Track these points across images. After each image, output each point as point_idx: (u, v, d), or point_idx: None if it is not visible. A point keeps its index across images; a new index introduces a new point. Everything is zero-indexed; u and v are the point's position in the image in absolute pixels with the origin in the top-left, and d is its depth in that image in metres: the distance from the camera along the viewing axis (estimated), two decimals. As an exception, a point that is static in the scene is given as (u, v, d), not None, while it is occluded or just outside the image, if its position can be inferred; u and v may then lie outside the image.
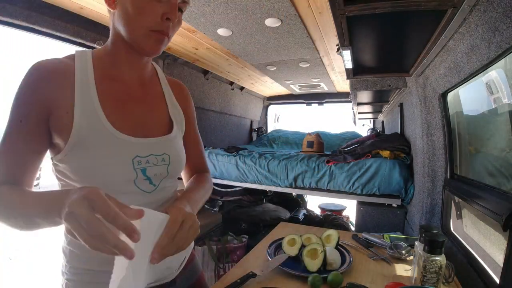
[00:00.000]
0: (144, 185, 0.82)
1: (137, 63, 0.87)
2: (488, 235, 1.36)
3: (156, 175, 0.84)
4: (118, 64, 0.84)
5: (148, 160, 0.82)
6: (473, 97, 1.57)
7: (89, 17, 1.83)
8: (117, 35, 0.81)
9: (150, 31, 0.76)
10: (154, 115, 0.90)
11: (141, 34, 0.76)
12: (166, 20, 0.75)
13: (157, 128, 0.89)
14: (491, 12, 0.94)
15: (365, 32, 1.41)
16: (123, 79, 0.86)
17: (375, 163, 2.65)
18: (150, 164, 0.82)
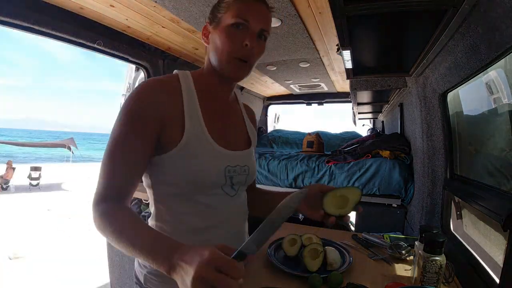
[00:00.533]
0: (228, 189, 0.96)
1: (226, 87, 1.03)
2: (488, 235, 1.36)
3: (238, 182, 0.98)
4: (212, 87, 0.99)
5: (235, 170, 0.96)
6: (473, 97, 1.57)
7: (89, 17, 1.83)
8: (209, 63, 0.97)
9: (233, 58, 0.89)
10: (237, 131, 1.07)
11: (225, 61, 0.90)
12: (245, 46, 0.88)
13: (240, 143, 1.06)
14: (491, 12, 0.94)
15: (365, 32, 1.41)
16: (216, 99, 1.00)
17: (375, 163, 2.65)
18: (236, 173, 0.97)
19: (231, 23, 0.87)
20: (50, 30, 1.66)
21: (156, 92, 0.86)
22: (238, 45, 0.88)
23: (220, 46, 0.89)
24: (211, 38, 0.93)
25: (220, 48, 0.89)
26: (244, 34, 0.88)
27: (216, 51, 0.91)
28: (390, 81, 2.32)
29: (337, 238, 1.52)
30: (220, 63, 0.91)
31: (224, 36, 0.88)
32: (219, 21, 0.90)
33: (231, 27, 0.88)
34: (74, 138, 20.59)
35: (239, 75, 0.93)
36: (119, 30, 2.05)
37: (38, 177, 11.64)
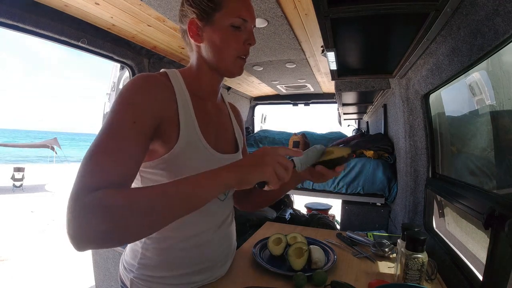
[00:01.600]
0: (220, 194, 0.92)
1: (216, 86, 1.01)
2: (470, 233, 1.39)
3: None
4: (203, 86, 0.97)
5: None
6: (455, 98, 1.60)
7: (74, 14, 1.80)
8: (202, 62, 0.94)
9: (236, 58, 0.91)
10: (226, 134, 1.07)
11: (230, 61, 0.91)
12: (247, 45, 0.91)
13: (229, 146, 1.06)
14: (473, 15, 0.96)
15: (349, 34, 1.42)
16: (208, 100, 0.99)
17: (359, 162, 2.68)
18: None
19: (232, 24, 0.87)
20: (34, 28, 1.63)
21: (153, 87, 0.81)
22: (240, 44, 0.89)
23: (225, 47, 0.88)
24: (207, 37, 0.88)
25: (224, 49, 0.88)
26: (244, 33, 0.90)
27: (218, 52, 0.89)
28: (374, 82, 2.36)
29: (322, 236, 1.54)
30: (223, 63, 0.91)
31: (227, 37, 0.87)
32: (214, 19, 0.86)
33: (232, 28, 0.87)
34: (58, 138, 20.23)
35: (239, 73, 0.95)
36: (104, 28, 2.02)
37: (21, 178, 11.38)
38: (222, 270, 1.07)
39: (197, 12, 0.87)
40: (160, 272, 0.92)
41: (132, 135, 0.72)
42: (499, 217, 0.91)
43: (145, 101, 0.77)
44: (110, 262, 2.28)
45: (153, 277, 0.92)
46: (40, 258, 4.85)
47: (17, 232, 6.27)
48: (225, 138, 1.05)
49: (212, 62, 0.92)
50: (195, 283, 0.97)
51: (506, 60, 1.07)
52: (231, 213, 1.10)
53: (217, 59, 0.91)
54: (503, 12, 0.81)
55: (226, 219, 1.05)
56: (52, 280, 4.03)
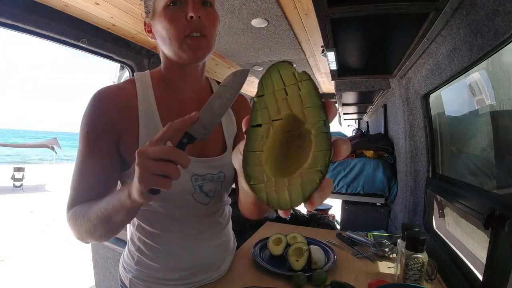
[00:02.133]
0: (201, 198, 0.91)
1: (190, 79, 0.93)
2: (470, 233, 1.39)
3: (211, 190, 0.92)
4: (174, 83, 0.91)
5: (205, 178, 0.89)
6: (455, 98, 1.60)
7: (74, 14, 1.80)
8: (164, 57, 0.89)
9: (183, 37, 0.79)
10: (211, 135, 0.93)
11: (176, 45, 0.79)
12: (190, 19, 0.77)
13: (213, 148, 0.94)
14: (473, 15, 0.96)
15: (349, 34, 1.42)
16: (181, 98, 0.92)
17: (359, 162, 2.68)
18: (207, 181, 0.90)
19: (165, 4, 0.78)
20: (34, 28, 1.63)
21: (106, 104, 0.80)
22: (181, 22, 0.77)
23: (164, 31, 0.79)
24: (155, 29, 0.84)
25: (165, 34, 0.79)
26: (183, 8, 0.78)
27: (163, 39, 0.81)
28: (374, 82, 2.36)
29: (321, 237, 1.54)
30: (172, 49, 0.81)
31: (163, 20, 0.78)
32: (154, 9, 0.81)
33: (167, 8, 0.78)
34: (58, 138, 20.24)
35: (198, 54, 0.82)
36: (104, 28, 2.02)
37: (21, 178, 11.39)
38: (219, 272, 1.06)
39: (145, 10, 0.87)
40: (157, 273, 0.92)
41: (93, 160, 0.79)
42: (499, 217, 0.91)
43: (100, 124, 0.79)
44: (110, 262, 2.28)
45: (151, 277, 0.93)
46: (40, 258, 4.85)
47: (17, 232, 6.27)
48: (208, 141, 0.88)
49: (166, 52, 0.85)
50: (194, 283, 0.97)
51: (506, 60, 1.07)
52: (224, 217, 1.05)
53: (166, 49, 0.83)
54: (503, 12, 0.81)
55: (216, 223, 1.01)
56: (52, 280, 4.03)
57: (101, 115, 0.79)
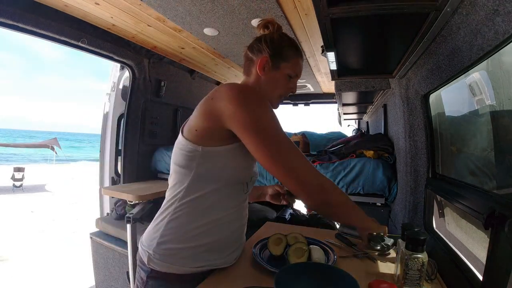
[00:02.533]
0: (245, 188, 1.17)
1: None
2: (471, 233, 1.39)
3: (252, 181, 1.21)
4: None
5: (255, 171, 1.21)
6: (455, 98, 1.60)
7: (74, 15, 1.81)
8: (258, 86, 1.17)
9: (280, 96, 1.20)
10: None
11: (274, 98, 1.19)
12: (290, 91, 1.21)
13: None
14: (473, 15, 0.96)
15: (349, 34, 1.42)
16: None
17: (359, 162, 2.68)
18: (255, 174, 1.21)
19: (289, 74, 1.16)
20: (34, 28, 1.63)
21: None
22: (286, 90, 1.19)
23: (278, 87, 1.17)
24: (269, 74, 1.15)
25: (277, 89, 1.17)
26: (292, 83, 1.19)
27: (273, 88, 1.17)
28: (374, 82, 2.36)
29: (321, 237, 1.54)
30: (269, 97, 1.16)
31: (283, 82, 1.17)
32: (279, 66, 1.14)
33: (287, 77, 1.16)
34: (58, 138, 20.24)
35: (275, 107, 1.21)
36: (104, 29, 2.03)
37: (21, 178, 11.39)
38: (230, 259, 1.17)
39: (271, 53, 1.14)
40: (176, 243, 1.04)
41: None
42: (499, 217, 0.91)
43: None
44: (110, 262, 2.29)
45: (170, 250, 1.04)
46: (40, 258, 4.85)
47: (17, 232, 6.27)
48: None
49: (264, 92, 1.16)
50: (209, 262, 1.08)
51: (506, 60, 1.07)
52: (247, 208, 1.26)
53: (267, 92, 1.16)
54: (503, 12, 0.81)
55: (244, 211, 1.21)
56: (52, 280, 4.03)
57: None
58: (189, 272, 1.05)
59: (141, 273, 1.09)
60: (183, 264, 1.04)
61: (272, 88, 1.17)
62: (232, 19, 1.79)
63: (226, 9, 1.67)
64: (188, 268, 1.04)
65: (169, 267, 1.03)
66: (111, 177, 2.99)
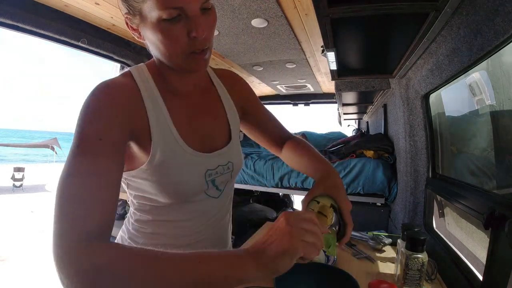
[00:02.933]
0: (212, 192, 0.88)
1: (187, 80, 0.86)
2: (471, 233, 1.39)
3: (223, 182, 0.90)
4: (174, 78, 0.83)
5: (217, 171, 0.87)
6: (455, 98, 1.60)
7: (74, 14, 1.81)
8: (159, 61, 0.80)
9: (187, 54, 0.71)
10: (216, 125, 0.93)
11: (178, 60, 0.73)
12: (193, 38, 0.69)
13: (221, 139, 0.92)
14: (473, 15, 0.96)
15: (350, 34, 1.42)
16: (183, 92, 0.86)
17: (359, 162, 2.68)
18: (218, 174, 0.87)
19: (159, 17, 0.65)
20: (34, 28, 1.63)
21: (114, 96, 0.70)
22: (183, 39, 0.69)
23: (163, 47, 0.70)
24: (144, 34, 0.73)
25: (164, 49, 0.71)
26: (184, 24, 0.67)
27: (159, 51, 0.72)
28: (374, 82, 2.36)
29: (322, 237, 1.54)
30: (171, 63, 0.75)
31: (160, 35, 0.68)
32: (142, 15, 0.68)
33: (164, 22, 0.66)
34: (58, 138, 20.25)
35: (201, 68, 0.77)
36: (104, 28, 2.03)
37: (21, 178, 11.38)
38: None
39: (127, 6, 0.72)
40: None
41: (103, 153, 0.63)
42: (499, 217, 0.91)
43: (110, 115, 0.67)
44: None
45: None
46: (40, 258, 4.85)
47: (17, 232, 6.27)
48: (214, 131, 0.91)
49: (163, 60, 0.76)
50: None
51: (506, 60, 1.07)
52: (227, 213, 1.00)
53: (164, 59, 0.74)
54: (503, 12, 0.81)
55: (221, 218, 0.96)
56: (52, 280, 4.03)
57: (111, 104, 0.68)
58: None
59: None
60: None
61: (160, 52, 0.72)
62: (232, 19, 1.79)
63: (226, 9, 1.66)
64: None
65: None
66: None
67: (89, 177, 0.60)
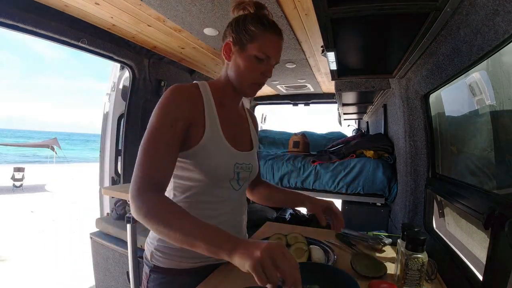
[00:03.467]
0: (235, 184, 1.12)
1: (238, 98, 1.20)
2: (471, 233, 1.39)
3: (243, 178, 1.14)
4: (227, 96, 1.14)
5: (242, 167, 1.12)
6: (455, 98, 1.60)
7: (74, 15, 1.81)
8: (227, 79, 1.11)
9: (252, 83, 1.07)
10: (244, 135, 1.23)
11: (246, 85, 1.08)
12: (264, 76, 1.06)
13: (246, 145, 1.21)
14: (473, 15, 0.96)
15: (350, 34, 1.42)
16: (230, 107, 1.16)
17: (359, 163, 2.68)
18: (243, 169, 1.12)
19: (257, 56, 1.02)
20: (34, 28, 1.63)
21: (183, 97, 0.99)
22: (258, 74, 1.05)
23: (245, 72, 1.04)
24: (234, 60, 1.05)
25: (244, 75, 1.05)
26: (264, 66, 1.04)
27: (239, 74, 1.05)
28: (374, 82, 2.36)
29: (321, 237, 1.54)
30: (241, 85, 1.08)
31: (249, 65, 1.03)
32: (245, 47, 1.02)
33: (255, 59, 1.02)
34: (58, 138, 20.24)
35: (252, 95, 1.13)
36: (104, 28, 2.03)
37: (21, 178, 11.39)
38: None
39: (234, 37, 1.04)
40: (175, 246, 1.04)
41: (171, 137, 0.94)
42: (499, 217, 0.91)
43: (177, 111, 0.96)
44: (110, 262, 2.28)
45: (169, 248, 1.06)
46: (40, 258, 4.85)
47: (17, 232, 6.27)
48: (243, 138, 1.20)
49: (233, 79, 1.08)
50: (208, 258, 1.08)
51: (506, 60, 1.07)
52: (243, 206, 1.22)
53: (236, 80, 1.07)
54: (503, 12, 0.81)
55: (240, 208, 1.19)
56: (52, 280, 4.03)
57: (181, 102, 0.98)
58: (189, 267, 1.08)
59: (145, 268, 1.13)
60: (182, 260, 1.07)
61: (238, 74, 1.06)
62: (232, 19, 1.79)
63: (226, 9, 1.66)
64: (187, 264, 1.07)
65: (169, 263, 1.07)
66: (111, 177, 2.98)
67: (161, 148, 0.92)
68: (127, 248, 1.93)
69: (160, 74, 2.87)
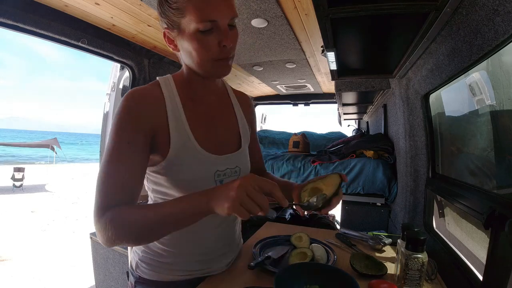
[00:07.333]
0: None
1: (211, 85, 1.03)
2: (471, 233, 1.39)
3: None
4: (196, 88, 0.99)
5: (225, 173, 0.98)
6: (455, 98, 1.60)
7: (74, 15, 1.80)
8: (188, 69, 0.95)
9: (215, 61, 0.86)
10: (228, 133, 1.07)
11: (208, 67, 0.88)
12: (223, 47, 0.84)
13: (231, 145, 1.05)
14: (473, 15, 0.96)
15: (350, 34, 1.42)
16: (203, 100, 1.01)
17: (359, 163, 2.68)
18: (226, 176, 0.98)
19: (198, 29, 0.80)
20: (34, 28, 1.63)
21: (140, 104, 0.86)
22: (214, 48, 0.83)
23: (196, 54, 0.84)
24: (180, 45, 0.88)
25: (197, 56, 0.84)
26: (216, 35, 0.82)
27: (192, 58, 0.86)
28: (374, 82, 2.36)
29: (321, 237, 1.54)
30: (201, 68, 0.89)
31: (196, 44, 0.82)
32: (180, 26, 0.83)
33: (200, 33, 0.81)
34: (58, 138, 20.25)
35: (225, 73, 0.92)
36: (104, 29, 2.03)
37: (21, 178, 11.38)
38: (220, 265, 1.10)
39: (166, 22, 0.86)
40: (161, 257, 0.99)
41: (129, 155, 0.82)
42: (499, 217, 0.91)
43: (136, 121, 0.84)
44: (110, 262, 2.28)
45: (154, 260, 0.99)
46: (40, 258, 4.85)
47: (18, 232, 6.27)
48: (226, 136, 1.05)
49: (192, 67, 0.91)
50: (195, 271, 1.03)
51: (506, 60, 1.07)
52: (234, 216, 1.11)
53: (195, 66, 0.89)
54: (503, 12, 0.81)
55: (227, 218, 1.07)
56: (53, 280, 4.03)
57: (138, 111, 0.84)
58: (175, 279, 1.00)
59: (131, 277, 1.06)
60: (168, 273, 0.99)
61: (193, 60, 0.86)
62: (232, 19, 1.79)
63: (226, 9, 1.66)
64: (173, 276, 1.00)
65: (154, 275, 0.99)
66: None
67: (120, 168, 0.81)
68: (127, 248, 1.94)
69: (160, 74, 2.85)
